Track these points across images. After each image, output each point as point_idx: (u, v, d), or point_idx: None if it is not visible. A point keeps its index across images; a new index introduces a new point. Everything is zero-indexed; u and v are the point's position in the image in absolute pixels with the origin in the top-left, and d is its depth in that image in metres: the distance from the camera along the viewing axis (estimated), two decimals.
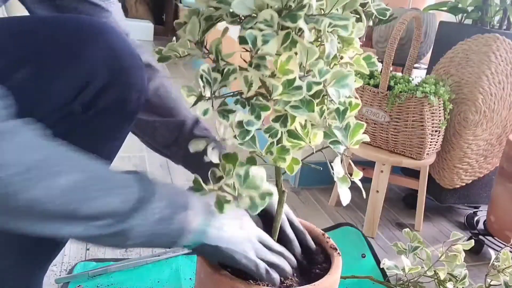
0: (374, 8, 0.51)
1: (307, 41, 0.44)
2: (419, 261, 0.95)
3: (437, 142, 1.38)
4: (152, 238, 0.52)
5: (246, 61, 0.48)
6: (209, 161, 0.73)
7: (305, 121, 0.52)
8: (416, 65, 1.95)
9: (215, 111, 0.50)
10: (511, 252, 0.94)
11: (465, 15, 1.56)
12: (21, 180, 0.42)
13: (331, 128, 0.51)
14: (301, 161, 0.56)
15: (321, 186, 1.70)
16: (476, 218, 1.50)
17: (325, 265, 0.68)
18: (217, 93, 0.49)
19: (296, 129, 0.52)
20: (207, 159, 0.57)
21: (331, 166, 0.54)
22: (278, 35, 0.44)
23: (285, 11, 0.43)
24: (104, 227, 0.48)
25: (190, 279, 1.05)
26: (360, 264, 1.21)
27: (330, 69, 0.49)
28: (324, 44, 0.46)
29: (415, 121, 1.31)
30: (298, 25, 0.42)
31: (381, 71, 1.36)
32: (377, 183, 1.37)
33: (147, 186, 0.52)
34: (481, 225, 1.45)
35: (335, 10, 0.45)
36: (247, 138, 0.50)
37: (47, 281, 0.97)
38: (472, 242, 0.93)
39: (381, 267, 1.04)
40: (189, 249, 0.58)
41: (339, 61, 0.53)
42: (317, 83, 0.46)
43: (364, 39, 2.12)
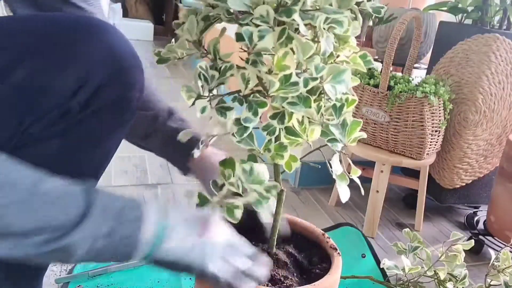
0: (369, 6, 0.51)
1: (303, 36, 0.45)
2: (419, 261, 0.95)
3: (437, 142, 1.38)
4: (102, 253, 0.50)
5: (243, 59, 0.48)
6: (183, 154, 0.74)
7: (302, 117, 0.52)
8: (416, 65, 1.95)
9: (213, 108, 0.50)
10: (511, 252, 0.94)
11: (465, 15, 1.56)
12: None
13: (328, 125, 0.52)
14: (299, 159, 0.56)
15: (321, 186, 1.70)
16: (476, 218, 1.50)
17: (325, 265, 0.68)
18: (215, 91, 0.49)
19: (294, 125, 0.52)
20: (196, 153, 0.57)
21: (330, 165, 0.54)
22: (274, 31, 0.44)
23: (281, 7, 0.43)
24: (42, 243, 0.46)
25: (190, 279, 1.05)
26: (360, 264, 1.21)
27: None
28: (320, 42, 0.46)
29: (415, 121, 1.31)
30: (293, 19, 0.42)
31: (381, 71, 1.36)
32: (377, 183, 1.37)
33: (93, 199, 0.50)
34: (481, 225, 1.45)
35: (330, 6, 0.45)
36: (245, 135, 0.50)
37: (47, 281, 0.97)
38: (472, 242, 0.93)
39: (381, 267, 1.04)
40: (146, 263, 0.54)
41: (335, 59, 0.53)
42: (314, 79, 0.47)
43: (364, 39, 2.12)
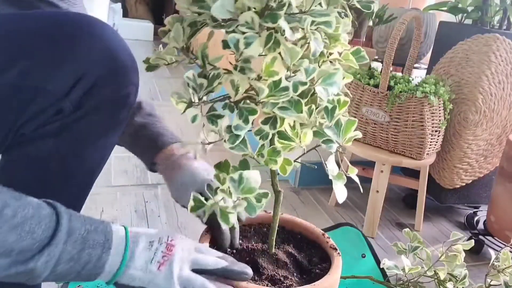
0: (358, 2, 0.50)
1: (290, 40, 0.44)
2: (419, 261, 0.95)
3: (437, 142, 1.38)
4: (65, 275, 0.49)
5: (232, 64, 0.48)
6: (149, 149, 0.75)
7: (294, 121, 0.51)
8: (416, 65, 1.95)
9: (204, 116, 0.49)
10: (511, 252, 0.94)
11: (465, 15, 1.56)
12: None
13: (322, 127, 0.51)
14: (294, 161, 0.55)
15: (321, 186, 1.70)
16: (476, 218, 1.50)
17: (325, 265, 0.68)
18: (205, 98, 0.48)
19: (286, 130, 0.52)
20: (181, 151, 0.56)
21: (326, 165, 0.54)
22: (260, 36, 0.43)
23: (267, 11, 0.42)
24: (7, 266, 0.45)
25: None
26: (360, 264, 1.21)
27: (319, 66, 0.48)
28: (309, 42, 0.46)
29: (415, 121, 1.31)
30: (279, 24, 0.42)
31: (381, 71, 1.36)
32: (377, 183, 1.37)
33: (59, 224, 0.49)
34: (481, 225, 1.45)
35: (318, 6, 0.45)
36: (237, 142, 0.49)
37: None
38: (472, 242, 0.93)
39: (381, 267, 1.04)
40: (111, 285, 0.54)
41: (327, 57, 0.53)
42: (303, 83, 0.46)
43: (364, 39, 2.12)
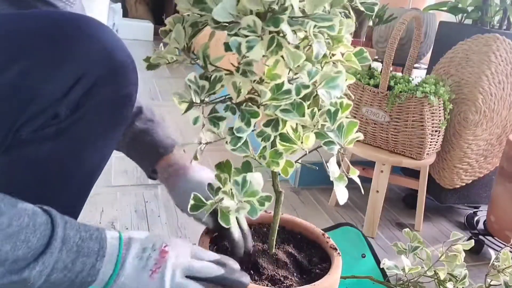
0: (361, 4, 0.50)
1: (292, 44, 0.44)
2: (419, 261, 0.95)
3: (437, 142, 1.38)
4: (59, 283, 0.49)
5: (234, 66, 0.48)
6: (149, 155, 0.74)
7: (296, 124, 0.51)
8: (416, 65, 1.95)
9: (205, 118, 0.49)
10: (511, 252, 0.94)
11: (465, 15, 1.56)
12: None
13: (324, 129, 0.51)
14: (296, 162, 0.55)
15: (321, 186, 1.70)
16: (476, 218, 1.50)
17: (325, 265, 0.68)
18: (207, 99, 0.48)
19: (288, 132, 0.51)
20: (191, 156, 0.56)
21: (327, 166, 0.54)
22: (262, 40, 0.43)
23: (269, 14, 0.42)
24: (2, 275, 0.45)
25: None
26: (360, 264, 1.21)
27: (321, 68, 0.48)
28: (312, 45, 0.46)
29: (415, 121, 1.31)
30: (281, 28, 0.41)
31: (381, 71, 1.36)
32: (377, 183, 1.37)
33: (54, 232, 0.49)
34: (481, 225, 1.45)
35: (320, 10, 0.44)
36: (239, 144, 0.49)
37: None
38: (472, 242, 0.93)
39: (381, 267, 1.04)
40: None
41: (330, 58, 0.53)
42: (306, 86, 0.46)
43: (364, 39, 2.12)
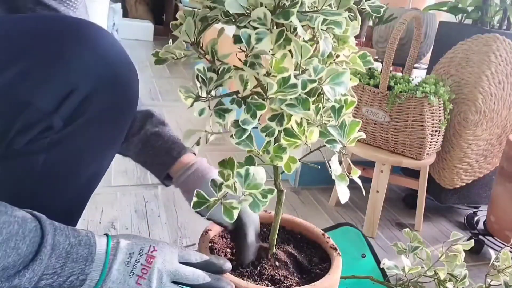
0: (368, 6, 0.50)
1: (301, 38, 0.44)
2: (419, 261, 0.95)
3: (437, 142, 1.38)
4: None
5: (241, 60, 0.48)
6: (163, 159, 0.72)
7: (301, 119, 0.52)
8: (416, 65, 1.95)
9: (211, 110, 0.50)
10: (511, 252, 0.94)
11: (465, 15, 1.56)
12: None
13: (327, 126, 0.51)
14: (299, 160, 0.55)
15: (321, 186, 1.70)
16: (476, 218, 1.50)
17: (325, 265, 0.68)
18: (213, 92, 0.49)
19: (292, 127, 0.52)
20: (196, 149, 0.56)
21: (329, 165, 0.54)
22: (272, 33, 0.43)
23: (279, 9, 0.42)
24: None
25: None
26: (360, 264, 1.21)
27: (326, 67, 0.48)
28: (318, 42, 0.46)
29: (415, 121, 1.31)
30: (291, 22, 0.42)
31: (381, 71, 1.36)
32: (377, 183, 1.37)
33: (44, 239, 0.48)
34: (481, 225, 1.45)
35: (328, 7, 0.45)
36: (244, 137, 0.49)
37: None
38: (472, 242, 0.93)
39: (381, 267, 1.04)
40: None
41: (334, 59, 0.53)
42: (312, 81, 0.46)
43: (364, 39, 2.12)
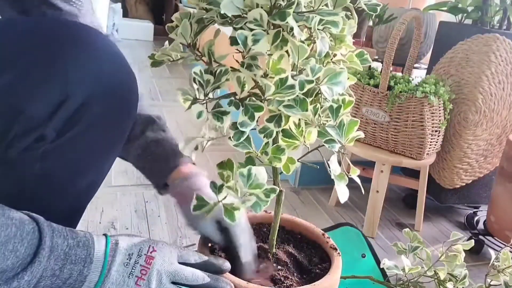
0: (364, 4, 0.50)
1: (297, 39, 0.44)
2: (419, 261, 0.95)
3: (437, 142, 1.38)
4: None
5: (238, 61, 0.48)
6: (162, 166, 0.70)
7: (299, 120, 0.51)
8: (416, 65, 1.95)
9: (209, 113, 0.49)
10: (511, 252, 0.94)
11: (465, 15, 1.56)
12: None
13: (325, 126, 0.51)
14: (297, 160, 0.55)
15: (321, 186, 1.70)
16: (476, 218, 1.50)
17: (325, 265, 0.68)
18: (210, 95, 0.48)
19: (290, 128, 0.51)
20: (192, 156, 0.55)
21: (328, 165, 0.54)
22: (268, 34, 0.43)
23: (275, 9, 0.42)
24: None
25: None
26: (360, 264, 1.21)
27: (323, 66, 0.48)
28: (315, 42, 0.46)
29: (415, 121, 1.31)
30: (288, 22, 0.42)
31: (381, 71, 1.36)
32: (377, 183, 1.37)
33: (42, 241, 0.48)
34: (481, 225, 1.45)
35: (325, 7, 0.45)
36: (242, 139, 0.49)
37: None
38: (472, 242, 0.92)
39: (381, 267, 1.04)
40: None
41: (332, 58, 0.53)
42: (310, 81, 0.46)
43: (364, 39, 2.12)
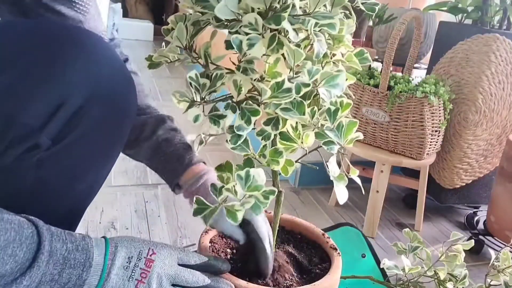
0: (362, 4, 0.50)
1: (293, 42, 0.44)
2: (419, 261, 0.95)
3: (437, 142, 1.38)
4: None
5: (235, 64, 0.47)
6: (174, 166, 0.69)
7: (296, 122, 0.51)
8: (416, 65, 1.95)
9: (206, 116, 0.49)
10: (511, 252, 0.94)
11: (465, 15, 1.56)
12: None
13: (323, 129, 0.51)
14: (296, 161, 0.55)
15: (321, 186, 1.70)
16: (476, 218, 1.50)
17: (325, 265, 0.68)
18: (207, 98, 0.48)
19: (288, 131, 0.51)
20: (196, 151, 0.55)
21: (327, 166, 0.54)
22: (264, 38, 0.43)
23: (271, 12, 0.42)
24: None
25: None
26: (360, 264, 1.21)
27: (322, 68, 0.48)
28: (312, 44, 0.46)
29: (415, 121, 1.31)
30: (283, 26, 0.41)
31: (381, 71, 1.36)
32: (377, 183, 1.37)
33: (41, 245, 0.47)
34: (481, 225, 1.45)
35: (323, 8, 0.45)
36: (239, 142, 0.49)
37: None
38: (472, 242, 0.93)
39: (381, 267, 1.04)
40: None
41: (330, 58, 0.53)
42: (306, 85, 0.46)
43: (364, 39, 2.12)
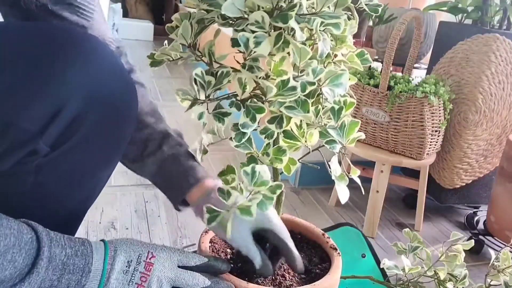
0: (366, 5, 0.50)
1: (299, 41, 0.44)
2: (419, 261, 0.95)
3: (437, 142, 1.38)
4: None
5: (239, 63, 0.48)
6: (179, 185, 0.68)
7: (301, 121, 0.51)
8: (416, 65, 1.95)
9: (210, 114, 0.49)
10: (511, 252, 0.94)
11: (465, 15, 1.56)
12: None
13: (326, 127, 0.51)
14: (298, 160, 0.55)
15: (321, 186, 1.70)
16: (476, 218, 1.50)
17: (325, 265, 0.68)
18: (212, 95, 0.48)
19: (292, 129, 0.51)
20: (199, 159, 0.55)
21: (329, 165, 0.54)
22: (270, 36, 0.43)
23: (277, 11, 0.42)
24: None
25: None
26: (360, 264, 1.21)
27: (324, 68, 0.48)
28: (317, 43, 0.46)
29: (415, 121, 1.31)
30: (289, 25, 0.42)
31: (381, 71, 1.36)
32: (377, 183, 1.37)
33: (40, 251, 0.47)
34: (481, 225, 1.45)
35: (327, 8, 0.45)
36: (243, 140, 0.49)
37: None
38: (472, 242, 0.92)
39: (381, 267, 1.04)
40: None
41: (333, 59, 0.53)
42: (311, 83, 0.46)
43: (364, 39, 2.12)
